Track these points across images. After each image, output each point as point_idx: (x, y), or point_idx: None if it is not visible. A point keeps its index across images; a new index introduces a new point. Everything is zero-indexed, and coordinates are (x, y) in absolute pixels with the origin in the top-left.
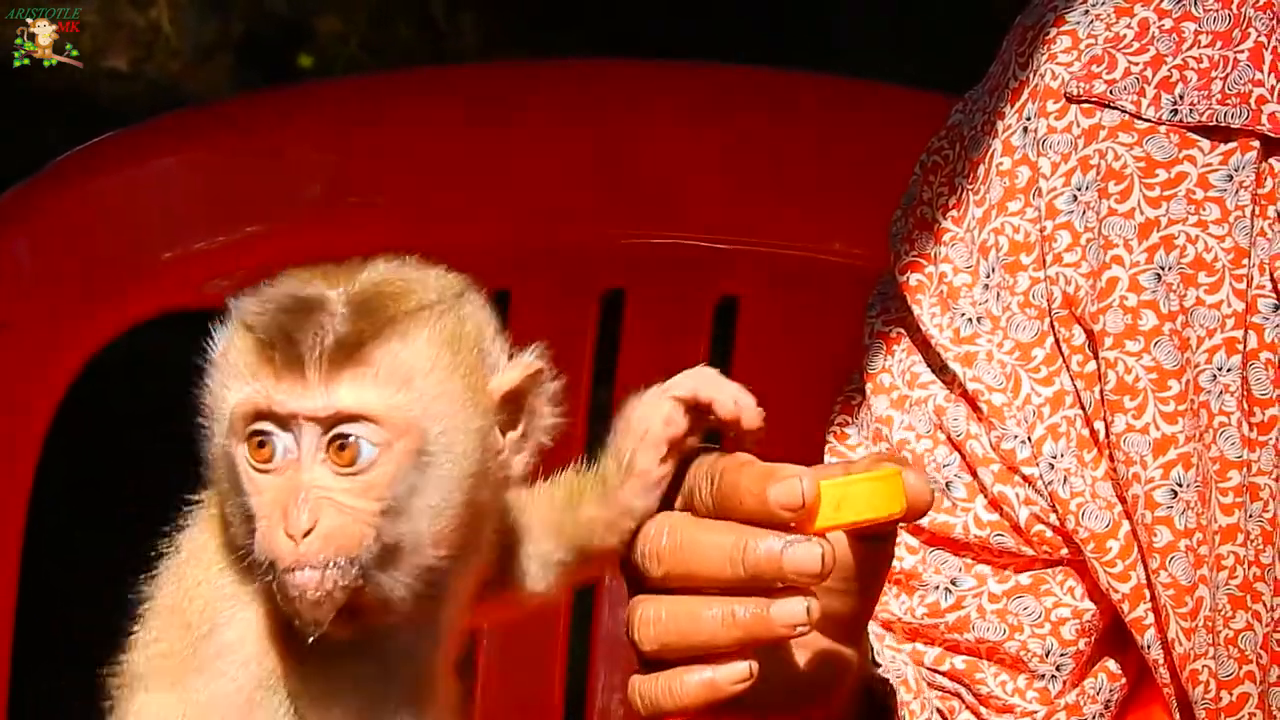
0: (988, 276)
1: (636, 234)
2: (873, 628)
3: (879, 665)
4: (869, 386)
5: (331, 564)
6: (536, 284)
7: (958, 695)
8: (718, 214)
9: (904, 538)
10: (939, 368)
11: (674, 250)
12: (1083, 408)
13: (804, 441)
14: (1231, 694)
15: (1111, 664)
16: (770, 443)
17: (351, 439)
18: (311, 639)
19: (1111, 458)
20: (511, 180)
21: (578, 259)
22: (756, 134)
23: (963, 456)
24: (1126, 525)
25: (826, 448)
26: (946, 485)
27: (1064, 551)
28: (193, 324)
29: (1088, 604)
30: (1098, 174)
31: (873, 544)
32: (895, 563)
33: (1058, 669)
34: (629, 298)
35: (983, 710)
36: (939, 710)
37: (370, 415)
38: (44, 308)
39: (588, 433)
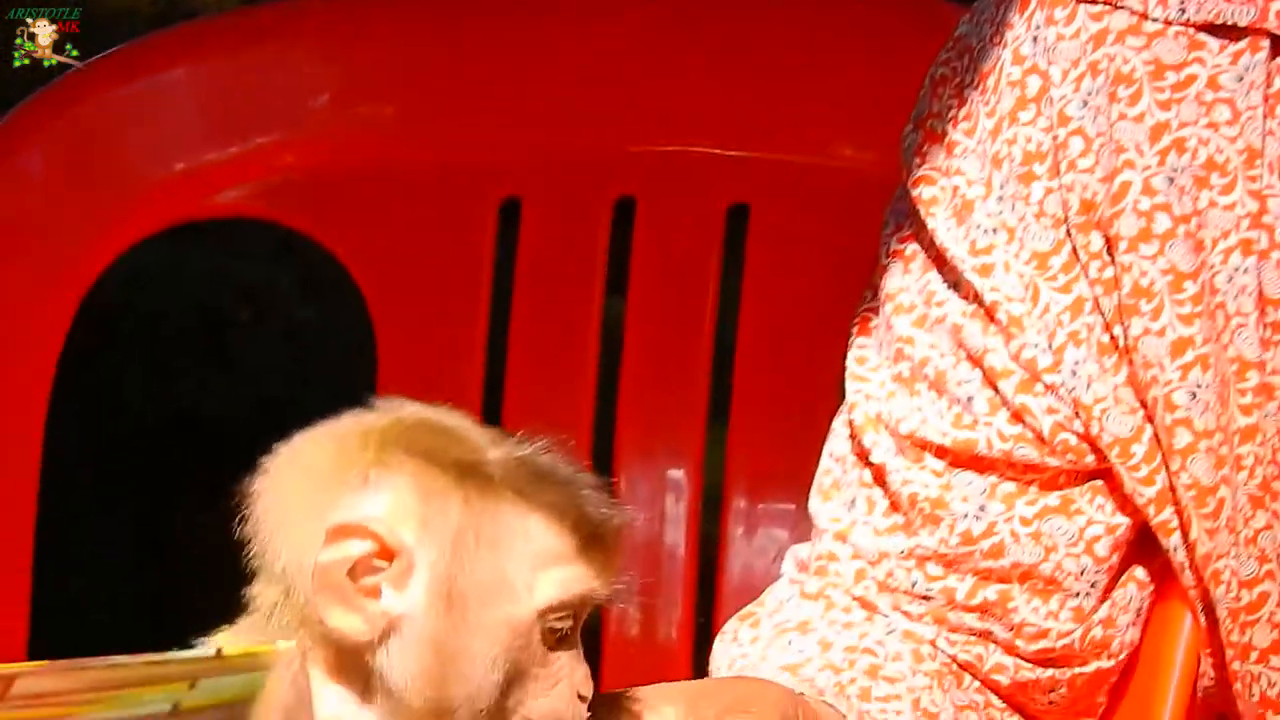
0: (1001, 188)
1: (646, 142)
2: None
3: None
4: (889, 307)
5: None
6: (548, 192)
7: (986, 635)
8: (727, 122)
9: (929, 461)
10: (954, 283)
11: (684, 158)
12: (1101, 314)
13: (817, 344)
14: (1252, 592)
15: (1140, 572)
16: (783, 348)
17: None
18: None
19: (1131, 362)
20: (521, 89)
21: (589, 167)
22: (765, 42)
23: (983, 371)
24: (1150, 429)
25: (847, 373)
26: (969, 400)
27: (1089, 459)
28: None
29: (1119, 518)
30: (1107, 78)
31: None
32: (921, 489)
33: (1092, 586)
34: (640, 206)
35: (1017, 643)
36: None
37: None
38: (56, 221)
39: (600, 340)
